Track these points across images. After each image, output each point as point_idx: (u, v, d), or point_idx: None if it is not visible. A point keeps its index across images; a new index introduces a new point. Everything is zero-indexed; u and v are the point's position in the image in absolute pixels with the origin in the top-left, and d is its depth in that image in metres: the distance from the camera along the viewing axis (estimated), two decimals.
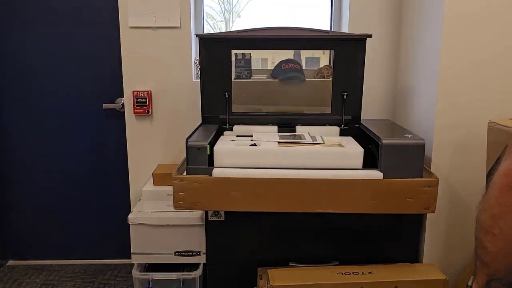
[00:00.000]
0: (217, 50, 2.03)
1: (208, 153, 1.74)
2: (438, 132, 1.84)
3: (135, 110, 2.33)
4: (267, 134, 1.97)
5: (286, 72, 2.22)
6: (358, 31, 2.22)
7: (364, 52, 2.03)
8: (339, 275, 1.75)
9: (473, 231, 1.84)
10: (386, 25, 2.28)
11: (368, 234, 1.86)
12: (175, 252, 2.04)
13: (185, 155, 1.73)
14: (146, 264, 2.12)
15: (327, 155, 1.74)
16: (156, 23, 2.22)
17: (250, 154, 1.75)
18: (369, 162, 1.81)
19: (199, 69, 2.12)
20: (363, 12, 2.27)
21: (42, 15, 2.37)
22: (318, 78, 2.26)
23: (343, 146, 1.86)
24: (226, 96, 2.07)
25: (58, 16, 2.37)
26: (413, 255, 1.90)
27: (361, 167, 1.74)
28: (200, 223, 1.99)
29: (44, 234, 2.61)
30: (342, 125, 2.10)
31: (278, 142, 1.82)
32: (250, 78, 2.23)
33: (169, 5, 2.20)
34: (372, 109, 2.32)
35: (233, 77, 2.12)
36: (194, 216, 2.02)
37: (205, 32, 2.48)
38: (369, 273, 1.76)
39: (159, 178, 2.23)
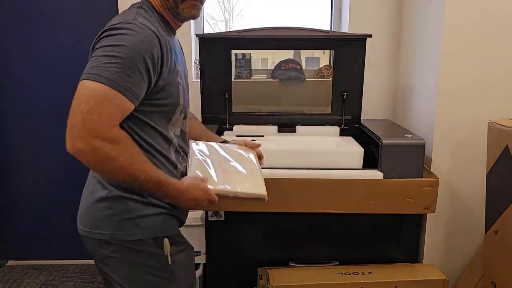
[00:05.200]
0: (217, 50, 2.03)
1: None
2: (438, 132, 1.84)
3: None
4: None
5: (286, 72, 2.22)
6: (358, 31, 2.22)
7: (364, 52, 2.02)
8: (339, 275, 1.75)
9: (473, 230, 1.85)
10: (386, 25, 2.28)
11: (368, 234, 1.86)
12: None
13: None
14: None
15: (327, 155, 1.74)
16: None
17: None
18: (369, 162, 1.81)
19: (199, 69, 2.12)
20: (363, 12, 2.27)
21: (42, 14, 2.37)
22: (318, 78, 2.26)
23: (343, 146, 1.86)
24: (226, 96, 2.07)
25: (58, 16, 2.37)
26: (413, 255, 1.89)
27: (361, 167, 1.74)
28: (200, 223, 1.98)
29: (44, 234, 2.60)
30: (342, 125, 2.10)
31: None
32: (250, 78, 2.23)
33: None
34: (372, 109, 2.32)
35: (233, 77, 2.12)
36: (194, 216, 2.02)
37: (205, 32, 2.48)
38: (369, 273, 1.76)
39: None
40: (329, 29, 2.47)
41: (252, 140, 1.91)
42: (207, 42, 2.01)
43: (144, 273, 1.08)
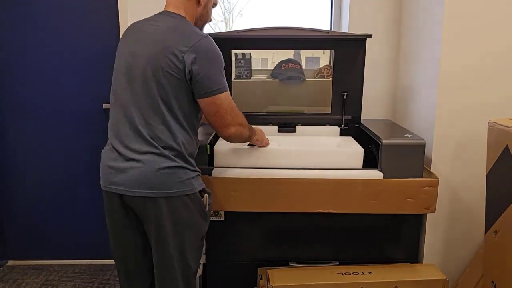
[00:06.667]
0: None
1: (208, 153, 1.74)
2: (438, 132, 1.84)
3: None
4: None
5: (286, 72, 2.22)
6: (358, 31, 2.22)
7: (364, 52, 2.02)
8: (339, 275, 1.75)
9: (473, 230, 1.85)
10: (386, 25, 2.28)
11: (368, 234, 1.86)
12: None
13: None
14: None
15: (327, 155, 1.74)
16: None
17: (250, 154, 1.75)
18: (369, 162, 1.81)
19: None
20: (363, 12, 2.27)
21: (42, 14, 2.37)
22: (318, 78, 2.26)
23: (343, 146, 1.86)
24: None
25: (58, 16, 2.37)
26: (413, 255, 1.89)
27: (361, 167, 1.74)
28: None
29: (44, 234, 2.60)
30: (342, 125, 2.10)
31: None
32: (250, 78, 2.23)
33: None
34: (372, 109, 2.32)
35: (233, 77, 2.12)
36: None
37: (205, 32, 2.47)
38: (369, 273, 1.76)
39: None
40: (329, 29, 2.47)
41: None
42: None
43: (195, 214, 1.46)
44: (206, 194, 1.49)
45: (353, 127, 2.10)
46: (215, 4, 1.61)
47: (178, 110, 1.39)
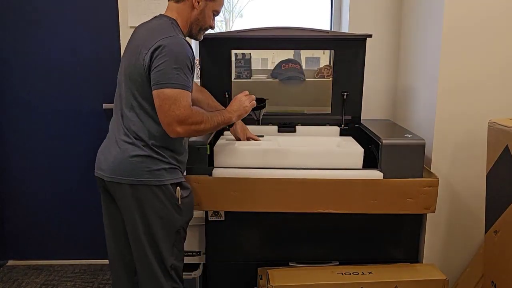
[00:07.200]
0: (217, 50, 2.03)
1: (208, 153, 1.74)
2: (438, 132, 1.84)
3: None
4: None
5: (286, 72, 2.22)
6: (358, 31, 2.22)
7: (364, 52, 2.02)
8: (339, 275, 1.75)
9: (473, 230, 1.85)
10: (386, 25, 2.28)
11: (368, 234, 1.86)
12: None
13: None
14: None
15: (327, 155, 1.74)
16: None
17: (250, 154, 1.75)
18: (369, 162, 1.81)
19: (199, 69, 2.13)
20: (363, 12, 2.27)
21: (42, 15, 2.37)
22: (318, 78, 2.26)
23: (343, 146, 1.86)
24: (226, 96, 2.07)
25: (58, 16, 2.37)
26: (413, 255, 1.90)
27: (361, 167, 1.74)
28: (200, 223, 1.99)
29: (44, 234, 2.60)
30: (342, 125, 2.10)
31: None
32: (250, 78, 2.23)
33: None
34: (372, 109, 2.32)
35: (233, 77, 2.12)
36: (194, 216, 2.02)
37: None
38: (369, 273, 1.76)
39: None
40: (329, 29, 2.47)
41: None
42: (207, 42, 2.01)
43: (166, 206, 1.51)
44: (178, 187, 1.52)
45: (353, 127, 2.10)
46: (216, 12, 1.60)
47: (148, 104, 1.46)
